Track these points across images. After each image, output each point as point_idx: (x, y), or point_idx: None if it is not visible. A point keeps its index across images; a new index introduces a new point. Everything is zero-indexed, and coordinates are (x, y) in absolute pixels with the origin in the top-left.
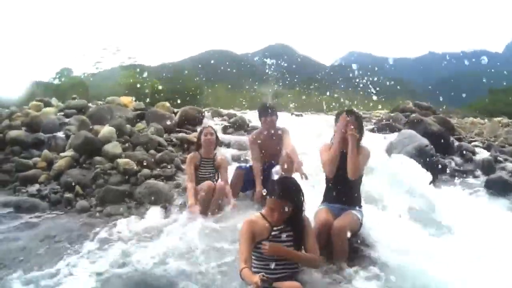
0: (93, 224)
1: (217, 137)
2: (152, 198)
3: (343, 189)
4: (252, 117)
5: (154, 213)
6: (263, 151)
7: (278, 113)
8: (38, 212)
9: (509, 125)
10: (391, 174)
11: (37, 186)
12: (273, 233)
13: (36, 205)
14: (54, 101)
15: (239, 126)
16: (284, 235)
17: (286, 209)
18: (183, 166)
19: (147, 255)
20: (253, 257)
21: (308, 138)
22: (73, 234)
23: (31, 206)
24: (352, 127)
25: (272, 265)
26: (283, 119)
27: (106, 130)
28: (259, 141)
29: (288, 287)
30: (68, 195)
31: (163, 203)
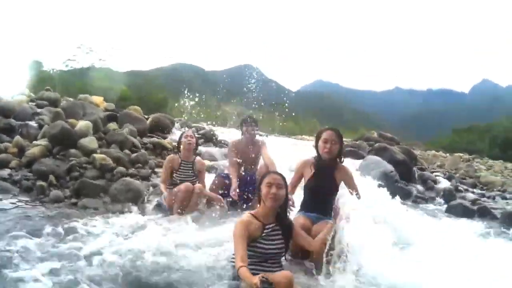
0: (69, 215)
1: (197, 142)
2: (128, 195)
3: (320, 201)
4: (219, 132)
5: (130, 210)
6: (241, 159)
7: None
8: (10, 197)
9: (470, 161)
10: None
11: (8, 171)
12: (265, 231)
13: (7, 189)
14: (26, 91)
15: (208, 138)
16: (275, 235)
17: (283, 185)
18: (157, 170)
19: (124, 251)
20: (247, 254)
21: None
22: (46, 222)
23: (2, 189)
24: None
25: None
26: None
27: (83, 124)
28: (237, 150)
29: (281, 276)
30: (41, 183)
31: (139, 201)
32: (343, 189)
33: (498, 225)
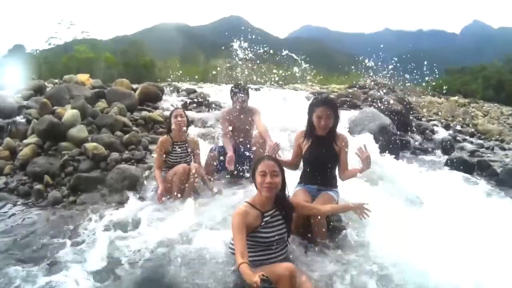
0: (69, 216)
1: (187, 118)
2: (125, 182)
3: (320, 172)
4: (209, 91)
5: (129, 200)
6: (234, 129)
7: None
8: (9, 206)
9: (465, 105)
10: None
11: (3, 179)
12: (264, 219)
13: (6, 199)
14: (10, 81)
15: (200, 102)
16: (275, 221)
17: (278, 172)
18: (151, 147)
19: (130, 245)
20: (248, 244)
21: (271, 114)
22: (51, 228)
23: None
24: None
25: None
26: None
27: (70, 113)
28: (230, 118)
29: (283, 269)
30: (37, 186)
31: (136, 188)
32: None
33: (497, 182)
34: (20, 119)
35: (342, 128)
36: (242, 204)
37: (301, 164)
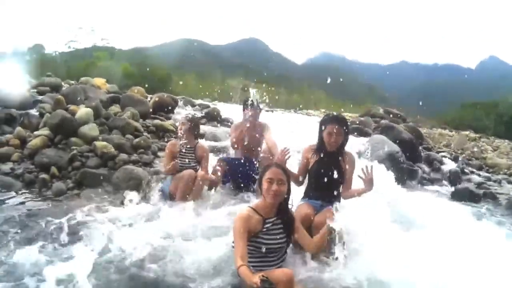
0: (72, 208)
1: (195, 124)
2: (130, 183)
3: (325, 187)
4: (223, 108)
5: (133, 199)
6: (242, 142)
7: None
8: (13, 191)
9: (476, 140)
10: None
11: (10, 164)
12: (266, 225)
13: (10, 185)
14: (26, 77)
15: (212, 117)
16: (276, 229)
17: (284, 181)
18: (160, 154)
19: (130, 242)
20: (248, 249)
21: (282, 133)
22: (52, 217)
23: (5, 185)
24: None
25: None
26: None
27: (83, 111)
28: (239, 131)
29: (281, 274)
30: (43, 175)
31: (141, 189)
32: None
33: (502, 211)
34: (33, 112)
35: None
36: (245, 208)
37: (306, 179)
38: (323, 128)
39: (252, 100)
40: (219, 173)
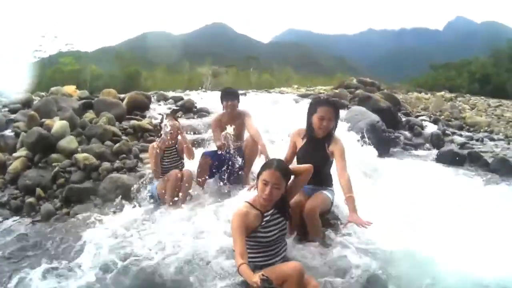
0: (64, 229)
1: (178, 129)
2: (118, 191)
3: (315, 172)
4: (196, 98)
5: (123, 208)
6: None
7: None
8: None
9: (452, 100)
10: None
11: None
12: (264, 219)
13: None
14: None
15: (188, 109)
16: (275, 219)
17: (281, 185)
18: (142, 156)
19: (124, 251)
20: (249, 244)
21: (261, 117)
22: (46, 241)
23: None
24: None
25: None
26: None
27: (58, 124)
28: (221, 124)
29: (291, 269)
30: (29, 199)
31: (129, 197)
32: None
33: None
34: (8, 132)
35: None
36: (242, 204)
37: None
38: (313, 111)
39: (227, 90)
40: (206, 167)
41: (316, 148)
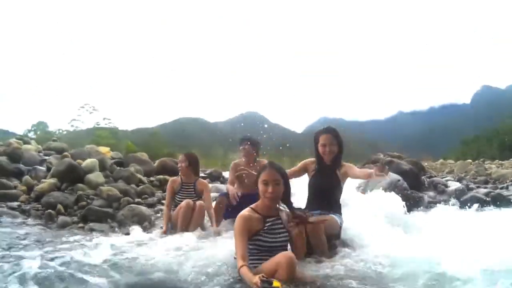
0: (74, 236)
1: (193, 162)
2: (134, 219)
3: (323, 198)
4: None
5: (136, 231)
6: (242, 180)
7: None
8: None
9: (479, 163)
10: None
11: (17, 202)
12: (267, 224)
13: (16, 217)
14: (33, 142)
15: (215, 177)
16: (277, 226)
17: (280, 180)
18: (163, 201)
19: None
20: (250, 248)
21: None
22: (56, 243)
23: (11, 217)
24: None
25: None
26: None
27: (89, 161)
28: (237, 169)
29: (280, 256)
30: (49, 211)
31: (144, 224)
32: None
33: None
34: (40, 167)
35: (353, 188)
36: (245, 209)
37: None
38: (317, 142)
39: (245, 137)
40: (222, 206)
41: (326, 174)
